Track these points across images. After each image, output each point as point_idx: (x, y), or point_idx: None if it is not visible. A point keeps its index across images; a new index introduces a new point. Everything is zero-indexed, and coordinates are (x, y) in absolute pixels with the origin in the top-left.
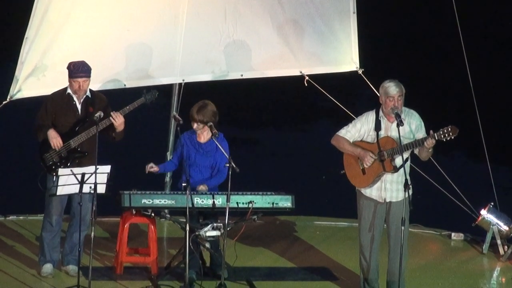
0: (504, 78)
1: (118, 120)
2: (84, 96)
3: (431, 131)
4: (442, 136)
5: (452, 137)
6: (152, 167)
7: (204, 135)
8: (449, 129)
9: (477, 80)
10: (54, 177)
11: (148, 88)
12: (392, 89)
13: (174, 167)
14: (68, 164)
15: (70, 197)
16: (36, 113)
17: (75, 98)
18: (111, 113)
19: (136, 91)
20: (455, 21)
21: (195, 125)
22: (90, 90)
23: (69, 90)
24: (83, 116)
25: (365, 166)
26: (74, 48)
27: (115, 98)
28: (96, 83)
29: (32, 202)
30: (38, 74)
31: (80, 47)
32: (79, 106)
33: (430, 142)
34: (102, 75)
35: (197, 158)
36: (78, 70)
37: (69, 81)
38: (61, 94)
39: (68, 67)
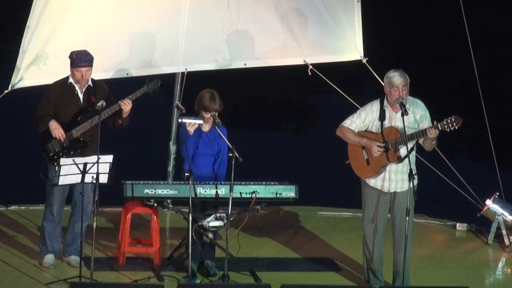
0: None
1: (127, 106)
2: (86, 85)
3: (434, 122)
4: (446, 127)
5: (456, 127)
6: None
7: (208, 124)
8: (453, 119)
9: (483, 69)
10: (56, 167)
11: (151, 77)
12: (396, 79)
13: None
14: (71, 154)
15: (71, 187)
16: (38, 103)
17: (77, 88)
18: (120, 101)
19: (138, 80)
20: (461, 9)
21: (209, 115)
22: (92, 79)
23: (71, 80)
24: (85, 106)
25: (373, 155)
26: (76, 36)
27: (117, 87)
28: (98, 72)
29: (34, 192)
30: (40, 63)
31: (82, 36)
32: (81, 96)
33: (433, 132)
34: (104, 64)
35: (203, 147)
36: (81, 59)
37: (71, 71)
38: (63, 84)
39: (70, 57)
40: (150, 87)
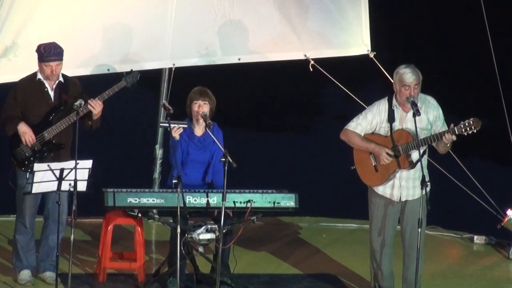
0: None
1: (97, 108)
2: (57, 81)
3: (451, 125)
4: (463, 130)
5: (475, 131)
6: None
7: (200, 127)
8: (471, 122)
9: (504, 64)
10: (28, 173)
11: (129, 70)
12: (408, 76)
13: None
14: (43, 159)
15: (43, 195)
16: (3, 103)
17: (47, 84)
18: (89, 100)
19: (116, 74)
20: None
21: (197, 106)
22: (63, 75)
23: (39, 76)
24: (56, 104)
25: (381, 163)
26: (51, 27)
27: (92, 82)
28: (76, 68)
29: (4, 202)
30: (9, 54)
31: (58, 26)
32: (51, 93)
33: (449, 138)
34: (83, 59)
35: (196, 153)
36: (50, 52)
37: (40, 66)
38: (31, 81)
39: (38, 50)
40: (129, 80)
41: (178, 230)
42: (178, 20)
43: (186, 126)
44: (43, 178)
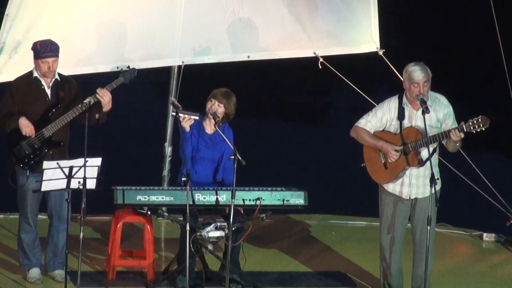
0: None
1: (106, 97)
2: (53, 79)
3: (462, 123)
4: (472, 128)
5: (483, 129)
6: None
7: (211, 125)
8: (479, 119)
9: None
10: (28, 171)
11: (127, 67)
12: (417, 74)
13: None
14: (42, 156)
15: (44, 194)
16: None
17: (43, 82)
18: (97, 90)
19: (109, 74)
20: None
21: (210, 104)
22: (59, 73)
23: (36, 74)
24: (54, 102)
25: (389, 161)
26: (59, 26)
27: (90, 79)
28: (83, 66)
29: (13, 199)
30: (11, 52)
31: (65, 25)
32: (48, 91)
33: (457, 135)
34: (89, 56)
35: (206, 151)
36: (47, 49)
37: (36, 63)
38: (27, 79)
39: (34, 47)
40: (126, 76)
41: (187, 227)
42: (187, 18)
43: (197, 118)
44: (52, 176)
